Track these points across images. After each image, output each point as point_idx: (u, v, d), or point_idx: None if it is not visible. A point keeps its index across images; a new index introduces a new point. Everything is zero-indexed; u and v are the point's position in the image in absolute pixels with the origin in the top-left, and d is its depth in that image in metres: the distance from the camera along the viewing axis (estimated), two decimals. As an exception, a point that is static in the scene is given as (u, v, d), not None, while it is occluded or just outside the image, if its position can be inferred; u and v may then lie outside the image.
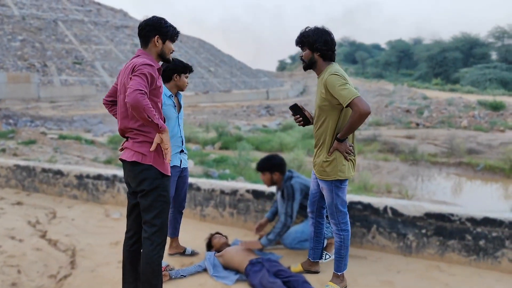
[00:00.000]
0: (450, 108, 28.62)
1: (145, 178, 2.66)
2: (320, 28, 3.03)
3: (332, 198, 3.11)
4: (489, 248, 3.49)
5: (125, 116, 2.68)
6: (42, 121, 23.92)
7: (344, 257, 3.19)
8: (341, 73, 2.93)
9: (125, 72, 2.66)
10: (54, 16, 53.48)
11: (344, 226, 3.16)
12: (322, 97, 3.00)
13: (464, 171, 14.13)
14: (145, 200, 2.68)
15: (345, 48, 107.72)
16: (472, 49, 73.59)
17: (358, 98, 2.79)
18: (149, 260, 2.67)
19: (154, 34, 2.71)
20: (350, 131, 2.95)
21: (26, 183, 6.29)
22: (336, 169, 3.04)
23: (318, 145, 3.14)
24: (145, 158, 2.64)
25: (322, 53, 3.01)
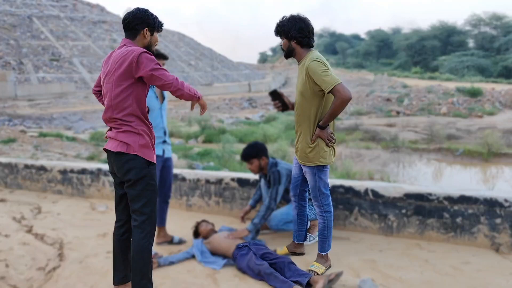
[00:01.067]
0: (430, 95, 29.09)
1: (131, 168, 2.67)
2: (295, 16, 3.09)
3: (315, 181, 3.20)
4: (466, 225, 3.65)
5: (109, 106, 2.69)
6: (20, 120, 23.49)
7: (328, 238, 3.29)
8: (322, 60, 3.00)
9: (115, 62, 2.64)
10: (28, 12, 52.28)
11: (327, 208, 3.26)
12: (304, 84, 3.06)
13: (444, 157, 14.47)
14: (133, 189, 2.70)
15: (325, 39, 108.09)
16: (450, 37, 74.75)
17: (340, 84, 2.87)
18: (140, 248, 2.71)
19: (143, 27, 2.73)
20: (331, 118, 3.02)
21: (8, 180, 6.24)
22: (318, 155, 3.13)
23: (300, 131, 3.22)
24: (130, 148, 2.66)
25: (298, 40, 3.07)
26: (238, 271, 3.33)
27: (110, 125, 2.76)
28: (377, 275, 3.19)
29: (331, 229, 3.29)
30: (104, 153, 12.52)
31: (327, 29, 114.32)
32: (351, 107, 26.78)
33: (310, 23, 3.08)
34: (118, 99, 2.65)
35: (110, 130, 2.77)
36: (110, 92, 2.66)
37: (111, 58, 2.71)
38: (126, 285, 2.95)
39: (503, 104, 25.59)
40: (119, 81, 2.62)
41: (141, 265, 2.71)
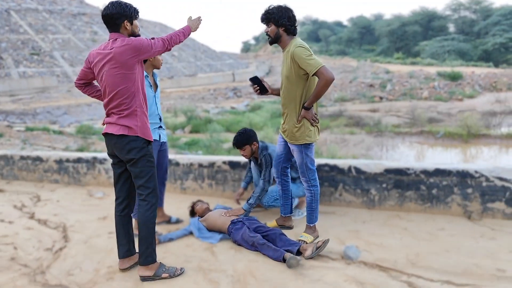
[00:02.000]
0: (412, 80, 29.59)
1: (132, 148, 2.98)
2: (282, 5, 3.38)
3: (302, 158, 3.50)
4: (441, 196, 3.98)
5: (108, 95, 2.99)
6: (3, 116, 23.30)
7: (315, 209, 3.60)
8: (306, 46, 3.29)
9: (105, 59, 2.92)
10: (5, 6, 51.23)
11: (314, 182, 3.56)
12: (289, 69, 3.33)
13: (426, 139, 14.92)
14: (135, 167, 3.01)
15: (308, 26, 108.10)
16: (431, 22, 75.56)
17: (323, 67, 3.17)
18: (145, 219, 3.02)
19: (122, 20, 2.99)
20: (316, 98, 3.31)
21: (4, 171, 6.40)
22: (304, 134, 3.43)
23: (286, 113, 3.50)
24: (131, 130, 2.97)
25: (286, 28, 3.35)
26: (233, 244, 3.60)
27: (110, 113, 3.03)
28: (360, 242, 3.49)
29: (318, 202, 3.60)
30: (92, 145, 12.61)
31: (309, 16, 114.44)
32: (335, 94, 27.13)
33: (295, 13, 3.38)
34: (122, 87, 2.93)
35: (110, 117, 3.03)
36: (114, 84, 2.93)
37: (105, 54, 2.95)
38: (130, 258, 3.25)
39: (483, 87, 26.23)
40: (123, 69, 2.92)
41: (147, 234, 3.03)
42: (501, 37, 58.88)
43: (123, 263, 3.23)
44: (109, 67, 2.93)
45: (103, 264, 3.36)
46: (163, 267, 3.11)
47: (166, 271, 3.08)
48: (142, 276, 3.05)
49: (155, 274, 3.05)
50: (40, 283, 3.10)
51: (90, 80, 3.18)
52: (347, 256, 3.23)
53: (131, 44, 2.90)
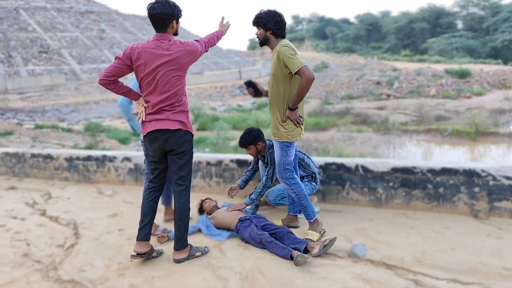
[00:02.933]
0: (419, 78, 29.48)
1: (185, 141, 3.24)
2: (272, 10, 3.56)
3: (281, 156, 3.61)
4: (447, 194, 4.00)
5: (161, 94, 3.13)
6: (13, 113, 23.54)
7: (307, 205, 3.65)
8: (291, 46, 3.43)
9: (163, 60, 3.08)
10: (14, 4, 51.67)
11: (293, 181, 3.63)
12: (275, 67, 3.48)
13: (433, 137, 14.87)
14: (182, 159, 3.25)
15: (315, 23, 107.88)
16: (439, 19, 75.08)
17: (305, 66, 3.31)
18: (185, 208, 3.33)
19: (172, 20, 3.15)
20: (299, 98, 3.42)
21: (16, 169, 6.51)
22: (286, 133, 3.55)
23: (272, 110, 3.63)
24: (185, 125, 3.24)
25: (273, 31, 3.52)
26: (241, 242, 3.66)
27: (161, 110, 3.17)
28: (367, 240, 3.53)
29: (306, 197, 3.67)
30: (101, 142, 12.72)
31: (316, 14, 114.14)
32: (342, 91, 27.10)
33: (284, 17, 3.55)
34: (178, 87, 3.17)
35: (160, 113, 3.16)
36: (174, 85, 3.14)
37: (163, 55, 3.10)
38: (146, 243, 3.36)
39: (491, 85, 26.05)
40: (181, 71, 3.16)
41: (185, 221, 3.33)
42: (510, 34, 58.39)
43: (140, 247, 3.30)
44: (167, 68, 3.09)
45: (114, 261, 3.43)
46: (194, 248, 3.41)
47: (197, 250, 3.41)
48: (178, 259, 3.31)
49: (189, 254, 3.35)
50: (52, 279, 3.18)
51: (120, 77, 3.24)
52: (354, 254, 3.27)
53: (189, 48, 3.14)
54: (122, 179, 5.71)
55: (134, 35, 55.60)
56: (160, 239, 3.75)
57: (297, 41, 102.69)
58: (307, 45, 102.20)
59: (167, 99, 3.14)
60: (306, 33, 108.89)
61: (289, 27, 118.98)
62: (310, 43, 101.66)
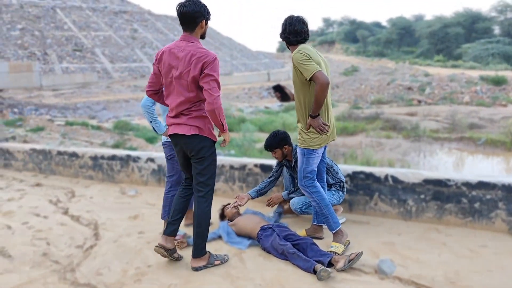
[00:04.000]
0: (452, 84, 28.63)
1: (203, 147, 3.11)
2: (287, 17, 3.48)
3: (302, 162, 3.48)
4: (484, 210, 3.75)
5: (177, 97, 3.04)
6: (46, 109, 24.14)
7: (329, 215, 3.47)
8: (304, 51, 3.29)
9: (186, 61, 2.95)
10: (52, 4, 53.22)
11: (313, 189, 3.47)
12: (294, 74, 3.40)
13: (466, 146, 14.34)
14: (201, 164, 3.14)
15: (345, 27, 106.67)
16: (474, 24, 72.89)
17: (319, 72, 3.18)
18: (204, 215, 3.20)
19: (201, 19, 3.05)
20: (318, 105, 3.28)
21: (43, 166, 6.58)
22: (309, 140, 3.42)
23: (296, 114, 3.53)
24: (202, 131, 3.10)
25: (285, 40, 3.49)
26: (262, 251, 3.52)
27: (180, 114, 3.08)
28: (395, 256, 3.33)
29: (328, 207, 3.49)
30: (128, 141, 12.85)
31: (347, 17, 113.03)
32: (371, 96, 26.62)
33: (296, 24, 3.41)
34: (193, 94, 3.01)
35: (179, 117, 3.09)
36: (187, 90, 3.00)
37: (178, 57, 2.99)
38: (172, 239, 3.32)
39: (529, 93, 25.00)
40: (195, 80, 2.97)
41: (204, 228, 3.21)
42: (550, 41, 56.09)
43: (166, 240, 3.26)
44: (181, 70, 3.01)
45: (132, 265, 3.35)
46: (213, 256, 3.30)
47: (217, 258, 3.30)
48: (195, 267, 3.21)
49: (208, 263, 3.24)
50: (69, 281, 3.12)
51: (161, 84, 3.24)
52: (381, 271, 3.09)
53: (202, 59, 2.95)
54: (145, 179, 5.67)
55: (166, 35, 56.36)
56: (179, 244, 3.66)
57: (327, 44, 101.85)
58: (337, 48, 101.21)
59: (183, 103, 3.04)
60: (336, 36, 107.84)
61: (319, 29, 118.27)
62: (341, 46, 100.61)
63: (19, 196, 5.42)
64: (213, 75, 2.92)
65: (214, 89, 2.91)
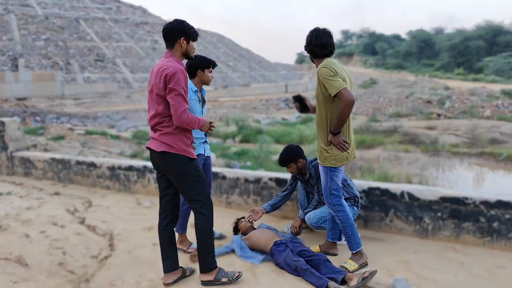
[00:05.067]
0: (473, 98, 28.20)
1: (174, 164, 3.02)
2: (313, 29, 3.41)
3: (326, 181, 3.42)
4: (503, 230, 3.66)
5: (150, 111, 3.04)
6: (67, 118, 24.63)
7: (352, 236, 3.43)
8: (331, 66, 3.22)
9: (156, 74, 2.97)
10: (76, 15, 54.56)
11: (339, 208, 3.42)
12: (317, 89, 3.34)
13: (486, 161, 14.05)
14: (178, 183, 3.06)
15: (365, 39, 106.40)
16: (496, 37, 71.85)
17: (344, 89, 3.12)
18: (203, 231, 3.11)
19: (180, 36, 3.03)
20: (340, 122, 3.23)
21: (61, 175, 6.70)
22: (330, 158, 3.36)
23: (317, 130, 3.47)
24: (172, 148, 3.00)
25: (310, 53, 3.42)
26: (275, 267, 3.50)
27: (154, 128, 3.06)
28: (411, 275, 3.28)
29: (352, 227, 3.44)
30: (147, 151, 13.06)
31: (366, 29, 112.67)
32: (390, 109, 26.38)
33: (323, 37, 3.34)
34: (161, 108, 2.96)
35: (155, 132, 3.06)
36: (156, 103, 2.97)
37: (153, 71, 3.03)
38: (174, 273, 3.27)
39: (552, 108, 24.43)
40: (160, 93, 2.93)
41: (205, 245, 3.12)
42: None
43: (167, 278, 3.25)
44: (154, 84, 3.00)
45: (145, 277, 3.38)
46: (222, 272, 3.21)
47: (225, 276, 3.19)
48: (203, 281, 3.18)
49: (215, 278, 3.17)
50: (83, 292, 3.16)
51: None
52: (395, 290, 3.04)
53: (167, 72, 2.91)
54: (161, 190, 5.72)
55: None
56: (192, 257, 3.67)
57: (345, 56, 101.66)
58: (355, 60, 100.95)
59: (154, 117, 3.02)
60: (355, 48, 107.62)
61: (338, 42, 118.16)
62: (359, 58, 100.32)
63: (38, 204, 5.52)
64: (176, 89, 2.86)
65: (178, 104, 2.86)
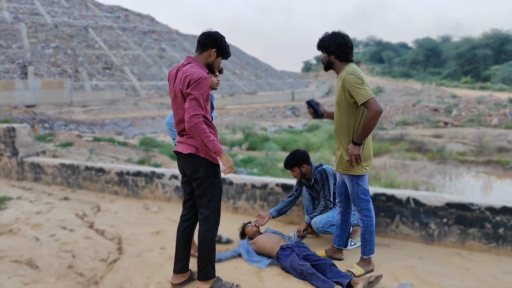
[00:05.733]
0: (480, 106, 28.12)
1: (199, 167, 3.07)
2: (336, 32, 3.34)
3: (352, 187, 3.40)
4: (508, 236, 3.67)
5: (176, 116, 3.10)
6: (75, 125, 24.84)
7: (369, 241, 3.45)
8: (358, 74, 3.20)
9: (179, 80, 3.01)
10: (84, 23, 55.23)
11: (367, 213, 3.42)
12: (340, 95, 3.29)
13: (494, 170, 13.98)
14: (199, 187, 3.10)
15: (371, 47, 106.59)
16: (504, 45, 71.63)
17: (373, 98, 3.10)
18: (205, 239, 3.11)
19: (213, 47, 3.09)
20: (365, 133, 3.19)
21: (70, 180, 6.79)
22: (350, 167, 3.33)
23: (339, 140, 3.43)
24: (199, 151, 3.06)
25: (337, 55, 3.32)
26: (281, 271, 3.54)
27: (182, 134, 3.12)
28: (416, 280, 3.30)
29: (372, 234, 3.44)
30: (153, 157, 13.07)
31: (373, 37, 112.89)
32: (396, 116, 26.35)
33: (349, 39, 3.31)
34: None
35: (182, 136, 3.13)
36: (182, 109, 3.02)
37: (176, 76, 3.07)
38: (183, 275, 3.33)
39: (560, 116, 24.27)
40: (184, 98, 2.98)
41: (206, 252, 3.12)
42: None
43: (176, 278, 3.30)
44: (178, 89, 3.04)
45: (153, 280, 3.42)
46: (220, 282, 3.19)
47: (222, 286, 3.17)
48: None
49: (211, 287, 3.15)
50: (92, 294, 3.21)
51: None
52: (400, 294, 3.06)
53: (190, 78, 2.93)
54: (168, 196, 5.78)
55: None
56: None
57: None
58: (362, 68, 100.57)
59: (180, 122, 3.08)
60: (362, 56, 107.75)
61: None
62: (366, 66, 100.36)
63: (48, 209, 5.60)
64: (193, 94, 2.89)
65: (192, 108, 2.89)
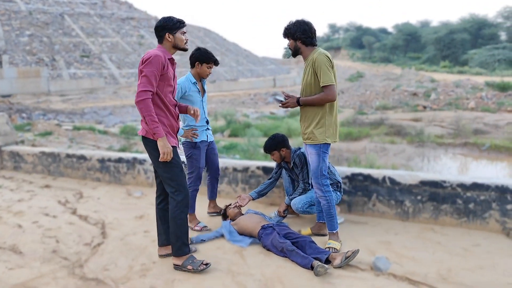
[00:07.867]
0: (458, 90, 28.66)
1: (151, 149, 3.22)
2: (299, 20, 3.55)
3: (318, 162, 3.55)
4: (478, 211, 3.86)
5: None
6: (54, 114, 24.44)
7: (334, 215, 3.62)
8: (330, 58, 3.44)
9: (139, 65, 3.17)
10: (60, 10, 53.91)
11: (327, 188, 3.61)
12: (312, 74, 3.46)
13: (470, 151, 14.37)
14: (158, 167, 3.25)
15: (351, 33, 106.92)
16: (481, 30, 72.81)
17: (334, 85, 3.37)
18: (173, 215, 3.25)
19: (164, 32, 3.23)
20: (311, 102, 3.46)
21: (51, 168, 6.77)
22: (323, 135, 3.51)
23: (306, 116, 3.57)
24: (147, 133, 3.19)
25: (302, 40, 3.52)
26: (263, 249, 3.65)
27: None
28: (391, 254, 3.45)
29: (335, 207, 3.63)
30: (134, 145, 13.04)
31: (353, 23, 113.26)
32: (376, 101, 26.69)
33: (313, 25, 3.54)
34: None
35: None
36: None
37: None
38: (167, 247, 3.50)
39: (534, 99, 24.94)
40: None
41: (175, 229, 3.26)
42: (557, 46, 55.85)
43: (160, 250, 3.54)
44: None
45: (137, 261, 3.50)
46: (191, 259, 3.29)
47: (191, 264, 3.26)
48: (174, 264, 3.32)
49: (182, 264, 3.28)
50: (78, 276, 3.27)
51: None
52: (376, 267, 3.21)
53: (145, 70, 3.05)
54: (150, 181, 5.83)
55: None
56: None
57: (333, 50, 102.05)
58: (343, 54, 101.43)
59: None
60: (342, 42, 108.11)
61: (325, 35, 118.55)
62: (346, 52, 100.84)
63: (29, 197, 5.59)
64: (143, 71, 3.02)
65: (141, 84, 3.00)
